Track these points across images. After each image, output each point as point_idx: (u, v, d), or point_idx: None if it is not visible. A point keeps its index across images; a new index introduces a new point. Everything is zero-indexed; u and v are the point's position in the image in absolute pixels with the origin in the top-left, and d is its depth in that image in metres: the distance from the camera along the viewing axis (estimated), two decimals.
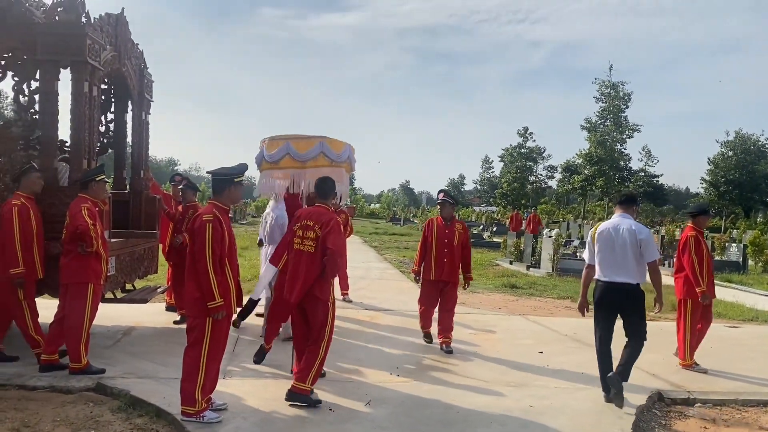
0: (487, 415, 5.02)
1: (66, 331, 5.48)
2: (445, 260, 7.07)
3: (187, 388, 4.54)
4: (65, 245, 5.49)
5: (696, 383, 6.24)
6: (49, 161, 6.04)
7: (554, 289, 12.89)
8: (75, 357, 5.46)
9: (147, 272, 7.81)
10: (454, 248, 7.09)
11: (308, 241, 5.01)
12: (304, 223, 5.08)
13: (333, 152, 5.90)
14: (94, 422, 4.53)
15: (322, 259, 4.98)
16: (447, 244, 7.09)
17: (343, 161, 6.06)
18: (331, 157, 5.90)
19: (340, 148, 5.99)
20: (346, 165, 6.12)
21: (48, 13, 6.11)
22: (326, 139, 5.87)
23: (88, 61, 5.94)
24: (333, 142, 5.92)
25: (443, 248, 7.09)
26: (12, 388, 5.16)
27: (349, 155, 6.14)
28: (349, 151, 6.11)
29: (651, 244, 5.41)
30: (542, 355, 7.15)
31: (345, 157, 6.07)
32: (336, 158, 5.95)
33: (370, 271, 14.76)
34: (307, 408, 4.95)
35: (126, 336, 7.12)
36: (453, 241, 7.09)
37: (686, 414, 5.48)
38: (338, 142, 5.98)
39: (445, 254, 7.08)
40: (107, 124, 7.80)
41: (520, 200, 59.48)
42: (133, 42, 7.42)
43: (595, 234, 5.59)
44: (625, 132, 51.76)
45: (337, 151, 5.97)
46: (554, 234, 16.29)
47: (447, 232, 7.13)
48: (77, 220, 5.34)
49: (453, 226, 7.19)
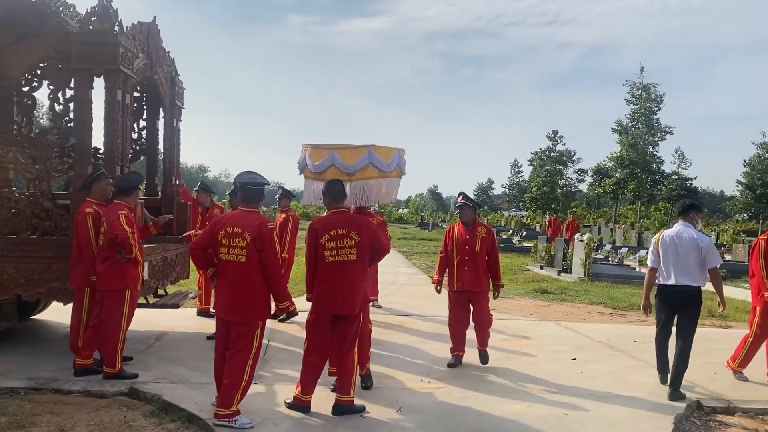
0: (520, 423, 4.94)
1: (103, 337, 5.55)
2: (467, 268, 6.58)
3: (230, 392, 4.59)
4: (102, 252, 5.56)
5: (736, 392, 6.06)
6: (84, 168, 6.14)
7: (586, 295, 12.69)
8: (110, 362, 5.53)
9: (179, 278, 7.88)
10: (476, 255, 6.59)
11: (348, 249, 4.90)
12: (335, 233, 4.92)
13: (382, 162, 5.43)
14: (127, 427, 4.57)
15: (367, 264, 5.02)
16: (468, 251, 6.60)
17: (393, 170, 5.57)
18: (380, 167, 5.42)
19: (389, 157, 5.52)
20: (396, 172, 5.65)
21: (82, 22, 6.21)
22: (374, 147, 5.41)
23: (121, 69, 6.03)
24: (381, 151, 5.45)
25: (464, 255, 6.61)
26: (48, 392, 5.23)
27: (398, 161, 5.65)
28: (398, 157, 5.63)
29: (713, 252, 5.89)
30: (576, 361, 7.02)
31: (394, 165, 5.57)
32: (385, 168, 5.47)
33: (399, 276, 14.71)
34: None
35: (158, 341, 7.18)
36: (475, 247, 6.59)
37: (726, 423, 5.32)
38: (387, 150, 5.52)
39: (466, 262, 6.59)
40: (140, 131, 7.90)
41: (549, 204, 58.83)
42: (165, 50, 7.51)
43: (659, 240, 6.08)
44: (657, 134, 50.91)
45: (386, 160, 5.48)
46: (586, 238, 16.05)
47: (468, 238, 6.63)
48: (116, 228, 5.42)
49: (475, 230, 6.68)
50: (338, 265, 4.90)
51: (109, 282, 5.53)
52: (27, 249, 5.97)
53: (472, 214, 6.78)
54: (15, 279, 5.97)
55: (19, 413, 4.70)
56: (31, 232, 6.04)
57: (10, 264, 5.96)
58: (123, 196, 5.74)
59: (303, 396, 4.95)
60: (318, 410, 4.96)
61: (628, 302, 11.76)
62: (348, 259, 4.90)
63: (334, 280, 4.90)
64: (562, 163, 62.10)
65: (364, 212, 5.69)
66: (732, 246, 23.55)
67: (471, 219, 6.76)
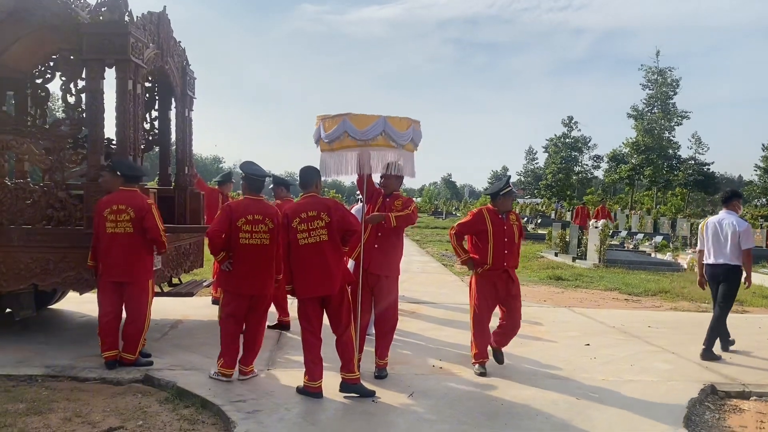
0: (531, 408, 4.94)
1: (132, 325, 5.61)
2: (506, 264, 5.90)
3: (255, 352, 5.52)
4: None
5: (751, 376, 6.02)
6: (97, 159, 6.19)
7: (601, 281, 12.64)
8: (132, 349, 5.60)
9: (193, 266, 7.94)
10: (515, 247, 5.98)
11: (319, 230, 4.99)
12: (305, 216, 5.00)
13: (396, 131, 5.25)
14: (142, 413, 4.63)
15: (342, 243, 5.10)
16: (507, 243, 5.88)
17: (407, 142, 5.39)
18: (394, 137, 5.25)
19: (404, 128, 5.35)
20: (409, 145, 5.46)
21: (92, 13, 6.24)
22: (388, 117, 5.27)
23: (131, 59, 6.05)
24: (396, 121, 5.29)
25: (503, 249, 5.87)
26: (65, 380, 5.32)
27: (412, 135, 5.47)
28: (412, 130, 5.45)
29: (746, 235, 6.67)
30: (589, 347, 7.00)
31: (408, 138, 5.39)
32: (399, 139, 5.29)
33: (412, 264, 14.72)
34: (350, 398, 4.97)
35: (173, 329, 7.26)
36: (514, 237, 5.96)
37: (741, 408, 5.28)
38: (402, 121, 5.35)
39: (505, 256, 5.88)
40: (152, 122, 7.95)
41: (565, 191, 58.40)
42: (176, 40, 7.53)
43: (704, 227, 7.01)
44: (674, 119, 50.25)
45: (401, 130, 5.31)
46: (601, 225, 15.95)
47: (506, 228, 5.90)
48: (158, 226, 5.65)
49: (509, 219, 5.99)
50: (312, 247, 4.99)
51: (138, 273, 5.61)
52: (42, 239, 6.04)
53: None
54: (31, 269, 6.04)
55: (36, 399, 4.78)
56: (47, 222, 6.11)
57: (26, 254, 6.03)
58: (133, 183, 5.79)
59: (311, 383, 5.02)
60: (330, 396, 5.01)
61: (643, 288, 11.70)
62: (320, 240, 4.98)
63: (310, 262, 4.99)
64: (578, 150, 61.54)
65: (391, 191, 5.67)
66: None
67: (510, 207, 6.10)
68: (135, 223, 5.54)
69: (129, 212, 5.53)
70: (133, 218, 5.53)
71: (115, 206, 5.55)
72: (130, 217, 5.53)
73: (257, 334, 5.52)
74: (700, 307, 10.13)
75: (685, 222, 24.80)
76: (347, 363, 5.08)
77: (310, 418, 4.58)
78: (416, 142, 5.56)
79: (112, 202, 5.59)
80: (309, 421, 4.52)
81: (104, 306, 5.62)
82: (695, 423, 4.85)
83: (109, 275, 5.57)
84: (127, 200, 5.59)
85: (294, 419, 4.54)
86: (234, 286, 5.32)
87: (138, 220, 5.54)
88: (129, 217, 5.53)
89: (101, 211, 5.57)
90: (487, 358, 5.91)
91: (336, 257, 5.07)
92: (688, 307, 10.07)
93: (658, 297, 11.03)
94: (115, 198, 5.62)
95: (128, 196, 5.63)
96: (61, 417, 4.48)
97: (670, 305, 10.24)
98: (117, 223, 5.53)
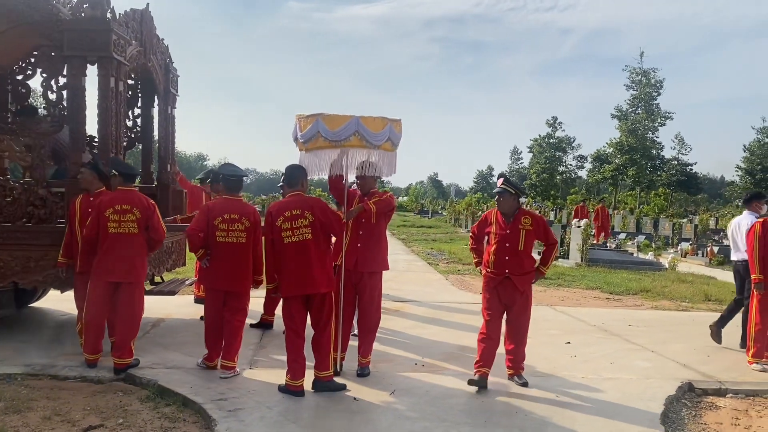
0: (512, 405, 4.99)
1: (128, 328, 5.52)
2: (507, 271, 5.45)
3: (236, 348, 5.54)
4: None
5: (728, 373, 6.11)
6: (78, 156, 6.15)
7: (583, 279, 12.74)
8: (128, 354, 5.51)
9: (175, 265, 7.92)
10: (519, 254, 5.49)
11: (303, 229, 5.00)
12: (289, 214, 5.01)
13: (370, 132, 5.20)
14: (122, 411, 4.61)
15: (324, 243, 5.14)
16: (509, 249, 5.45)
17: (383, 142, 5.31)
18: (368, 137, 5.20)
19: (379, 128, 5.27)
20: (386, 145, 5.37)
21: (74, 9, 6.20)
22: (362, 117, 5.21)
23: (113, 56, 6.03)
24: (370, 121, 5.22)
25: (504, 255, 5.47)
26: (45, 378, 5.28)
27: (390, 135, 5.38)
28: (389, 130, 5.35)
29: None
30: (569, 345, 7.07)
31: (384, 137, 5.30)
32: (373, 139, 5.23)
33: (398, 263, 14.74)
34: (331, 397, 4.99)
35: (155, 327, 7.23)
36: (518, 245, 5.45)
37: (717, 405, 5.37)
38: (377, 121, 5.27)
39: (506, 263, 5.47)
40: (135, 119, 7.91)
41: (549, 191, 58.78)
42: (159, 37, 7.50)
43: (729, 226, 7.70)
44: (657, 120, 50.77)
45: (376, 130, 5.24)
46: (583, 224, 16.07)
47: (509, 233, 5.45)
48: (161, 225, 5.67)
49: (517, 222, 5.48)
50: (296, 246, 5.01)
51: (134, 275, 5.56)
52: (23, 237, 6.00)
53: (514, 203, 5.52)
54: (11, 266, 6.00)
55: (15, 398, 4.75)
56: (27, 219, 6.07)
57: (6, 252, 5.99)
58: (131, 182, 5.73)
59: (293, 381, 5.03)
60: (312, 395, 5.03)
61: (625, 287, 11.81)
62: (304, 238, 5.01)
63: (294, 261, 5.01)
64: (562, 150, 61.91)
65: (368, 190, 5.66)
66: None
67: (513, 209, 5.51)
68: (140, 224, 5.49)
69: (135, 212, 5.47)
70: (139, 218, 5.48)
71: (118, 206, 5.45)
72: (136, 218, 5.47)
73: (234, 329, 5.53)
74: (680, 306, 10.25)
75: (668, 222, 25.10)
76: (322, 360, 5.13)
77: (292, 417, 4.59)
78: (394, 141, 5.51)
79: (115, 201, 5.48)
80: (290, 420, 4.53)
81: (95, 306, 5.46)
82: (672, 420, 4.92)
83: (109, 275, 5.45)
84: (131, 200, 5.51)
85: (275, 417, 4.55)
86: (209, 281, 5.56)
87: (144, 220, 5.50)
88: (135, 218, 5.46)
89: (103, 210, 5.45)
90: (486, 369, 5.40)
91: (320, 256, 5.08)
92: (669, 306, 10.19)
93: (640, 296, 11.14)
94: (118, 198, 5.52)
95: (132, 196, 5.56)
96: (40, 416, 4.45)
97: (651, 304, 10.36)
98: (121, 224, 5.44)
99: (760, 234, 6.38)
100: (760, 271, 6.32)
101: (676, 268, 14.89)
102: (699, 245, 19.60)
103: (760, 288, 6.35)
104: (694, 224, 23.92)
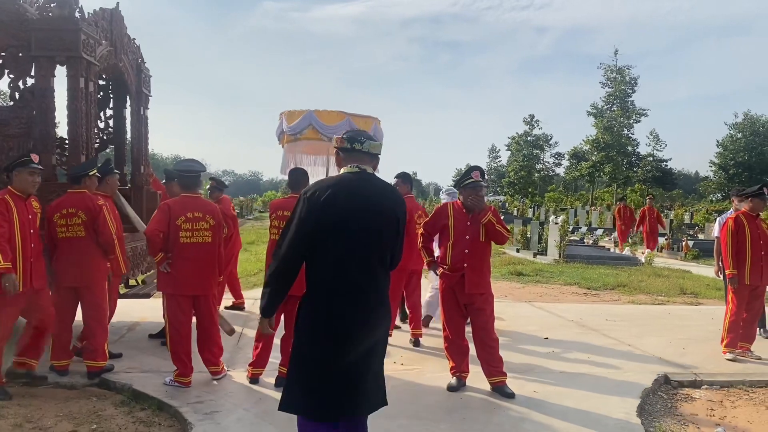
0: (490, 401, 5.00)
1: (92, 330, 5.39)
2: (466, 265, 5.21)
3: (219, 351, 5.50)
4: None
5: (704, 365, 6.18)
6: (47, 158, 6.02)
7: (561, 276, 12.83)
8: (102, 357, 5.42)
9: (150, 268, 7.79)
10: (480, 246, 5.27)
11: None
12: (281, 213, 5.12)
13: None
14: (96, 416, 4.54)
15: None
16: (469, 241, 5.21)
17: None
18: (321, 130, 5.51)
19: (367, 127, 5.45)
20: None
21: (41, 8, 6.09)
22: (351, 116, 5.41)
23: (83, 56, 5.92)
24: (358, 120, 5.43)
25: (464, 248, 5.21)
26: (16, 385, 5.16)
27: (374, 133, 5.51)
28: (374, 129, 5.55)
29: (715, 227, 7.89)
30: (547, 340, 7.10)
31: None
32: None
33: None
34: None
35: (130, 331, 7.13)
36: (479, 236, 5.23)
37: (693, 397, 5.43)
38: (364, 119, 5.45)
39: (465, 257, 5.21)
40: (106, 120, 7.79)
41: (527, 188, 59.18)
42: (130, 37, 7.39)
43: None
44: (632, 117, 51.30)
45: (364, 129, 5.35)
46: (560, 221, 16.19)
47: (470, 225, 5.23)
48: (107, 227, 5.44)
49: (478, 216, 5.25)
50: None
51: (97, 277, 5.45)
52: None
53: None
54: None
55: None
56: None
57: None
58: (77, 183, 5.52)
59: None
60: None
61: (602, 282, 11.92)
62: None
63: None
64: (539, 148, 62.37)
65: None
66: (705, 225, 23.96)
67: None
68: (87, 226, 5.33)
69: (80, 215, 5.31)
70: (85, 221, 5.32)
71: (65, 210, 5.32)
72: (82, 221, 5.31)
73: (213, 334, 5.41)
74: (656, 300, 10.37)
75: None
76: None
77: (269, 418, 4.54)
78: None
79: (61, 206, 5.35)
80: (267, 421, 4.49)
81: (58, 312, 5.31)
82: (648, 412, 4.97)
83: (63, 280, 5.35)
84: (76, 203, 5.35)
85: (252, 419, 4.51)
86: (176, 287, 5.17)
87: (90, 222, 5.34)
88: (80, 221, 5.31)
89: (51, 216, 5.33)
90: (463, 372, 5.35)
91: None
92: (645, 300, 10.30)
93: (617, 291, 11.25)
94: (65, 201, 5.38)
95: (78, 199, 5.38)
96: (11, 423, 4.36)
97: (628, 299, 10.46)
98: (68, 227, 5.31)
99: (733, 230, 6.47)
100: (733, 266, 6.42)
101: (652, 263, 15.07)
102: (674, 240, 19.86)
103: (734, 282, 6.44)
104: (669, 219, 24.22)
